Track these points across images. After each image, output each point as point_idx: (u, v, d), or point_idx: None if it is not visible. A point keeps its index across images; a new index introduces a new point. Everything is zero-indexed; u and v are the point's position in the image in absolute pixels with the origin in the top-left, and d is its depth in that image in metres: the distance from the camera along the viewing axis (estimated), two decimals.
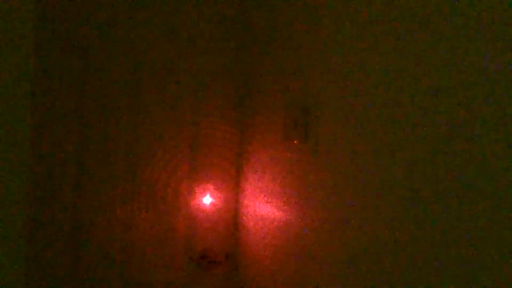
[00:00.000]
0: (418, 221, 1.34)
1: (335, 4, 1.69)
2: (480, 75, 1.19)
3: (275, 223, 1.98)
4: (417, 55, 1.36)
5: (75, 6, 1.90)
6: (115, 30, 1.97)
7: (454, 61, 1.26)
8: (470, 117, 1.21)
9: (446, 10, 1.28)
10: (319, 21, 1.77)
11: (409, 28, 1.39)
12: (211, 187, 2.17)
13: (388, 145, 1.44)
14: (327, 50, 1.72)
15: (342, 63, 1.64)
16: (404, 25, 1.40)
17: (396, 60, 1.42)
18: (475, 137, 1.20)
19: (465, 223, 1.22)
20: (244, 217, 2.18)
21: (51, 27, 1.86)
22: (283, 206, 1.93)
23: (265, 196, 2.04)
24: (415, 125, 1.35)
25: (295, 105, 1.84)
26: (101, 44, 1.95)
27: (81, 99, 1.93)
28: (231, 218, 2.22)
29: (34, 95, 1.79)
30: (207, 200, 2.16)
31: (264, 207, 2.04)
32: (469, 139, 1.21)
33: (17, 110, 1.59)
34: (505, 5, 1.15)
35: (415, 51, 1.37)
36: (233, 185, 2.21)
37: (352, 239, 1.58)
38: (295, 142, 1.84)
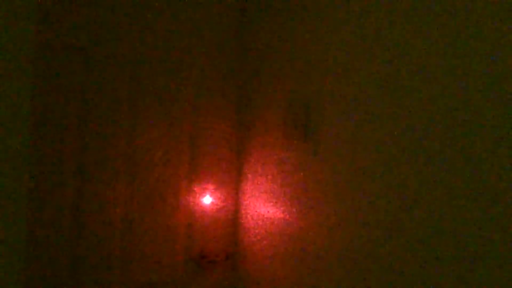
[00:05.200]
0: (419, 221, 1.34)
1: (335, 4, 1.69)
2: (482, 75, 1.19)
3: (275, 223, 1.98)
4: (418, 55, 1.36)
5: (76, 7, 1.90)
6: (115, 30, 1.97)
7: (456, 60, 1.26)
8: (472, 117, 1.21)
9: (446, 10, 1.28)
10: (319, 21, 1.77)
11: (410, 27, 1.39)
12: (211, 187, 2.17)
13: (388, 145, 1.44)
14: (327, 50, 1.72)
15: (343, 63, 1.64)
16: (405, 25, 1.40)
17: (397, 59, 1.42)
18: (477, 136, 1.20)
19: (466, 223, 1.22)
20: (244, 217, 2.18)
21: (52, 28, 1.86)
22: (283, 206, 1.93)
23: (265, 196, 2.04)
24: (416, 124, 1.35)
25: (295, 105, 1.84)
26: (102, 44, 1.95)
27: (81, 99, 1.93)
28: (231, 218, 2.22)
29: (34, 95, 1.79)
30: (207, 200, 2.16)
31: (264, 207, 2.04)
32: (470, 138, 1.21)
33: (17, 110, 1.59)
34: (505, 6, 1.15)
35: (416, 50, 1.37)
36: (233, 185, 2.21)
37: (352, 239, 1.58)
38: (295, 142, 1.84)
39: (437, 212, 1.29)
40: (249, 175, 2.14)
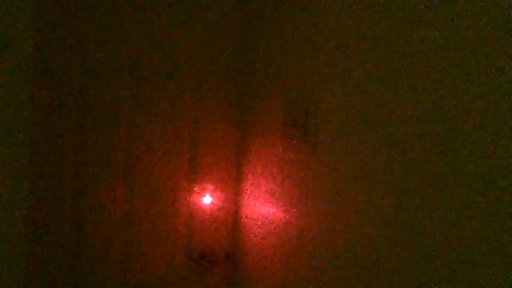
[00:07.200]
0: (419, 221, 1.34)
1: (335, 4, 1.69)
2: (482, 75, 1.19)
3: (275, 223, 1.98)
4: (417, 55, 1.36)
5: (75, 6, 1.90)
6: (115, 29, 1.97)
7: (456, 60, 1.26)
8: (471, 117, 1.21)
9: (446, 10, 1.28)
10: (319, 20, 1.77)
11: (410, 27, 1.39)
12: (211, 187, 2.17)
13: (388, 144, 1.44)
14: (327, 50, 1.72)
15: (342, 63, 1.64)
16: (404, 25, 1.41)
17: (396, 59, 1.42)
18: (476, 136, 1.20)
19: (466, 224, 1.22)
20: (244, 217, 2.18)
21: (51, 27, 1.86)
22: (283, 206, 1.93)
23: (265, 196, 2.04)
24: (416, 124, 1.35)
25: (295, 105, 1.84)
26: (101, 43, 1.95)
27: (81, 99, 1.93)
28: (231, 218, 2.22)
29: (34, 95, 1.79)
30: (207, 200, 2.16)
31: (264, 207, 2.04)
32: (469, 138, 1.22)
33: (17, 110, 1.59)
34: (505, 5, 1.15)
35: (415, 50, 1.37)
36: (233, 185, 2.21)
37: (352, 239, 1.58)
38: (295, 142, 1.84)
39: (438, 212, 1.29)
40: (249, 175, 2.14)
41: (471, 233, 1.21)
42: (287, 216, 1.91)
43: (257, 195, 2.09)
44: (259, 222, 2.07)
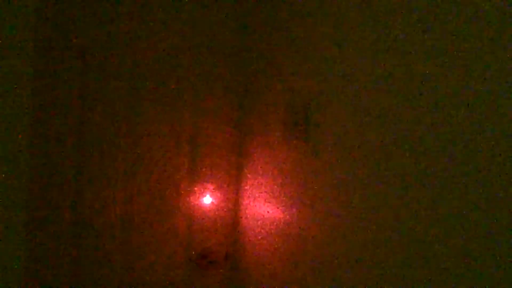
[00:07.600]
0: (419, 221, 1.34)
1: (335, 5, 1.69)
2: (481, 75, 1.19)
3: (275, 223, 1.98)
4: (418, 55, 1.36)
5: (75, 6, 1.90)
6: (114, 30, 1.97)
7: (455, 61, 1.26)
8: (471, 118, 1.21)
9: (446, 12, 1.28)
10: (319, 21, 1.77)
11: (410, 28, 1.39)
12: (211, 187, 2.17)
13: (388, 145, 1.44)
14: (327, 50, 1.72)
15: (343, 63, 1.64)
16: (405, 26, 1.41)
17: (397, 60, 1.42)
18: (476, 137, 1.20)
19: (465, 223, 1.22)
20: (244, 217, 2.18)
21: (51, 27, 1.86)
22: (283, 206, 1.93)
23: (265, 196, 2.04)
24: (416, 125, 1.35)
25: (295, 105, 1.84)
26: (101, 44, 1.95)
27: (81, 99, 1.93)
28: (231, 218, 2.22)
29: (34, 95, 1.79)
30: (207, 200, 2.16)
31: (264, 207, 2.04)
32: (469, 139, 1.22)
33: (17, 110, 1.59)
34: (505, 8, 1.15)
35: (416, 51, 1.37)
36: (233, 185, 2.21)
37: (351, 239, 1.58)
38: (295, 142, 1.84)
39: (438, 212, 1.29)
40: (249, 175, 2.14)
41: (472, 233, 1.21)
42: (287, 216, 1.91)
43: (257, 195, 2.09)
44: (259, 222, 2.07)
